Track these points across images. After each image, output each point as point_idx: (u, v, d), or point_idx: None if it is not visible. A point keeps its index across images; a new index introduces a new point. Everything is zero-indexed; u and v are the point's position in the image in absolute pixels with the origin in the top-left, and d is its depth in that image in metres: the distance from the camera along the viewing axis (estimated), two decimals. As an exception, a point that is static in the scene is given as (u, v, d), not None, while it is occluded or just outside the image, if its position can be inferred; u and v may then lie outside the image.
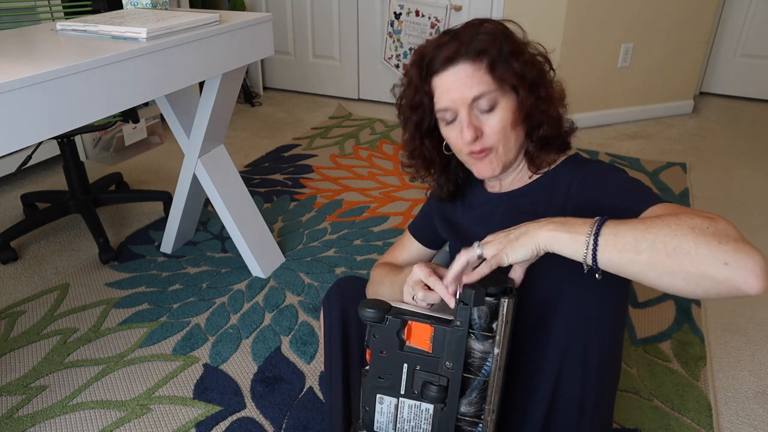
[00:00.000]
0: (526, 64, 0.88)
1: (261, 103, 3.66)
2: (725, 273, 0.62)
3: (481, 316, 0.78)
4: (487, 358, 0.80)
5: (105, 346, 1.59)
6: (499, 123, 0.88)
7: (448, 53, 0.86)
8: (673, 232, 0.65)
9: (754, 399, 1.41)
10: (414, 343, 0.83)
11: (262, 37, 1.66)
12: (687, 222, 0.66)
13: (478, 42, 0.86)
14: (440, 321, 0.81)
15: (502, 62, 0.86)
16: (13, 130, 1.05)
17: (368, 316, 0.82)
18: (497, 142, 0.90)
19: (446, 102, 0.89)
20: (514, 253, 0.75)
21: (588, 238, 0.70)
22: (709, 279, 0.63)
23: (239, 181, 1.89)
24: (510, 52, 0.87)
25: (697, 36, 3.16)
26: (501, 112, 0.88)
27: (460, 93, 0.87)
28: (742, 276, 0.62)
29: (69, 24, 1.42)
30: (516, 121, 0.90)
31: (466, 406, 0.83)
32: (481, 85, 0.86)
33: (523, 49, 0.89)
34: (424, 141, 0.99)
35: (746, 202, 2.36)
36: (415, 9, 3.21)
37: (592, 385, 0.94)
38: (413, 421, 0.85)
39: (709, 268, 0.63)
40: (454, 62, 0.87)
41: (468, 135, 0.88)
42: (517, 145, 0.92)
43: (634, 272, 0.69)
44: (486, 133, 0.89)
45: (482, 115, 0.88)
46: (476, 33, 0.87)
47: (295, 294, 1.80)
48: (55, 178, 2.62)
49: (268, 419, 1.35)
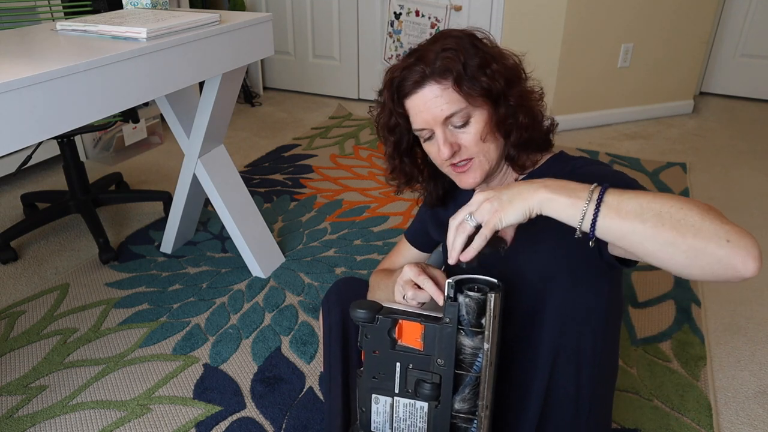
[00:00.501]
0: (493, 76, 0.89)
1: (261, 103, 3.66)
2: (726, 250, 0.62)
3: (469, 312, 0.79)
4: (477, 354, 0.81)
5: (105, 346, 1.59)
6: (474, 136, 0.90)
7: (415, 77, 0.89)
8: (679, 205, 0.65)
9: (754, 399, 1.41)
10: (405, 341, 0.83)
11: (262, 37, 1.66)
12: (691, 200, 0.66)
13: (442, 61, 0.87)
14: (430, 319, 0.82)
15: (468, 78, 0.87)
16: (13, 130, 1.05)
17: (359, 317, 0.83)
18: (476, 153, 0.91)
19: (420, 123, 0.91)
20: (507, 216, 0.72)
21: (587, 203, 0.69)
22: (709, 255, 0.63)
23: (239, 181, 1.89)
24: (476, 65, 0.88)
25: (697, 36, 3.16)
26: (474, 125, 0.90)
27: (432, 114, 0.89)
28: (741, 255, 0.62)
29: (69, 24, 1.42)
30: (490, 132, 0.91)
31: (460, 403, 0.83)
32: (450, 104, 0.88)
33: (489, 60, 0.89)
34: (404, 159, 1.02)
35: (746, 202, 2.36)
36: (415, 9, 3.21)
37: (587, 383, 0.94)
38: (409, 419, 0.86)
39: (711, 244, 0.63)
40: (422, 85, 0.89)
41: (445, 152, 0.90)
42: (497, 153, 0.93)
43: (633, 241, 0.67)
44: (463, 145, 0.91)
45: (457, 130, 0.90)
46: (440, 50, 0.88)
47: (295, 294, 1.80)
48: (55, 178, 2.62)
49: (268, 419, 1.35)
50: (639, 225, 0.66)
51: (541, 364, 0.92)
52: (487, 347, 0.79)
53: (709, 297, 1.78)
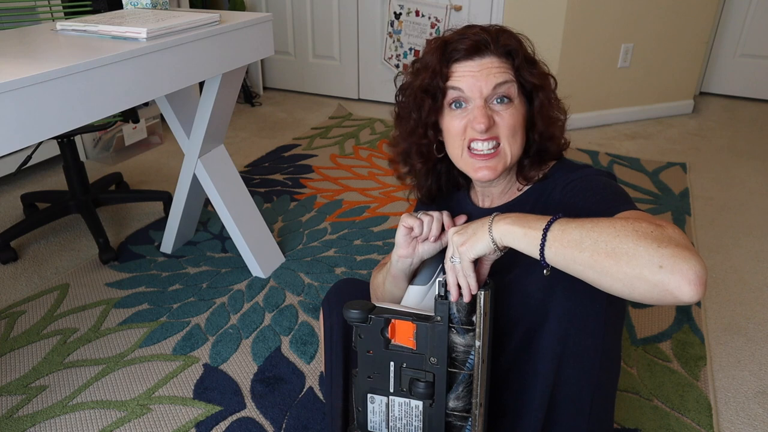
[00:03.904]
0: (535, 74, 0.91)
1: (261, 103, 3.66)
2: (659, 276, 0.62)
3: (460, 310, 0.80)
4: (470, 352, 0.81)
5: (105, 346, 1.59)
6: (511, 117, 0.89)
7: (477, 43, 0.88)
8: (616, 232, 0.66)
9: (754, 399, 1.42)
10: (399, 340, 0.84)
11: (262, 37, 1.66)
12: (633, 225, 0.66)
13: (507, 40, 0.89)
14: (422, 317, 0.82)
15: (525, 67, 0.90)
16: (13, 129, 1.05)
17: (352, 317, 0.83)
18: (506, 138, 0.90)
19: (465, 87, 0.89)
20: (475, 247, 0.77)
21: (539, 233, 0.71)
22: (643, 281, 0.63)
23: (239, 181, 1.89)
24: (524, 57, 0.91)
25: (697, 36, 3.16)
26: (514, 108, 0.90)
27: (485, 79, 0.87)
28: (675, 280, 0.61)
29: (69, 24, 1.42)
30: (523, 125, 0.92)
31: (455, 401, 0.83)
32: (506, 74, 0.88)
33: (536, 61, 0.94)
34: (428, 132, 0.96)
35: (746, 202, 2.36)
36: (415, 9, 3.21)
37: (589, 385, 0.94)
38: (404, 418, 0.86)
39: (644, 270, 0.63)
40: (482, 54, 0.88)
41: (482, 123, 0.87)
42: (518, 151, 0.93)
43: (576, 270, 0.69)
44: (498, 124, 0.89)
45: (497, 106, 0.89)
46: (502, 32, 0.90)
47: (295, 294, 1.80)
48: (55, 178, 2.62)
49: (268, 419, 1.35)
50: (578, 254, 0.68)
51: (544, 369, 0.92)
52: (479, 344, 0.80)
53: (709, 297, 1.78)
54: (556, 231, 0.70)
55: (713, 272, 1.91)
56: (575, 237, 0.68)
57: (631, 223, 0.66)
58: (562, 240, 0.69)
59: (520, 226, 0.73)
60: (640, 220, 0.67)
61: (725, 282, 1.86)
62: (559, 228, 0.70)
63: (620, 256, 0.64)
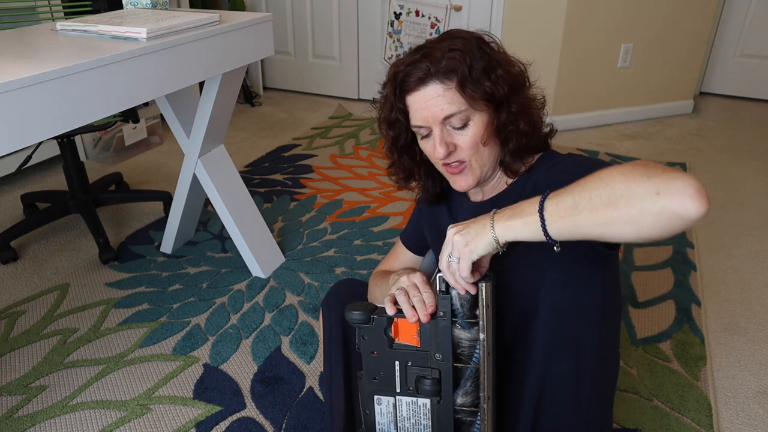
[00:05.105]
0: (497, 82, 0.89)
1: (261, 103, 3.66)
2: (660, 202, 0.62)
3: (463, 304, 0.80)
4: (475, 346, 0.81)
5: (105, 346, 1.59)
6: (470, 139, 0.90)
7: (420, 74, 0.88)
8: (604, 182, 0.67)
9: (754, 399, 1.41)
10: (402, 339, 0.84)
11: (262, 37, 1.66)
12: (617, 169, 0.68)
13: (447, 61, 0.87)
14: None
15: (472, 81, 0.88)
16: (13, 130, 1.05)
17: (355, 318, 0.83)
18: (470, 157, 0.92)
19: (419, 120, 0.91)
20: (477, 248, 0.77)
21: (536, 216, 0.72)
22: (647, 214, 0.63)
23: (239, 181, 1.89)
24: (481, 69, 0.88)
25: (697, 36, 3.16)
26: (473, 128, 0.90)
27: (432, 112, 0.89)
28: (677, 199, 0.61)
29: (69, 24, 1.42)
30: (488, 137, 0.91)
31: (463, 397, 0.83)
32: (451, 105, 0.88)
33: (495, 65, 0.90)
34: (402, 155, 1.02)
35: (746, 202, 2.36)
36: (415, 9, 3.21)
37: (587, 379, 0.94)
38: (413, 418, 0.86)
39: (644, 203, 0.63)
40: (425, 82, 0.89)
41: (440, 151, 0.90)
42: (492, 159, 0.94)
43: (583, 233, 0.70)
44: (459, 147, 0.91)
45: (455, 131, 0.91)
46: (447, 49, 0.88)
47: (295, 294, 1.80)
48: (55, 178, 2.62)
49: (268, 419, 1.35)
50: (578, 218, 0.69)
51: (537, 360, 0.92)
52: (483, 337, 0.79)
53: (709, 297, 1.78)
54: (551, 207, 0.71)
55: (713, 272, 1.91)
56: (569, 204, 0.69)
57: (616, 168, 0.68)
58: (558, 212, 0.70)
59: (518, 218, 0.75)
60: (624, 164, 0.68)
61: (725, 282, 1.86)
62: (552, 203, 0.72)
63: (617, 201, 0.65)
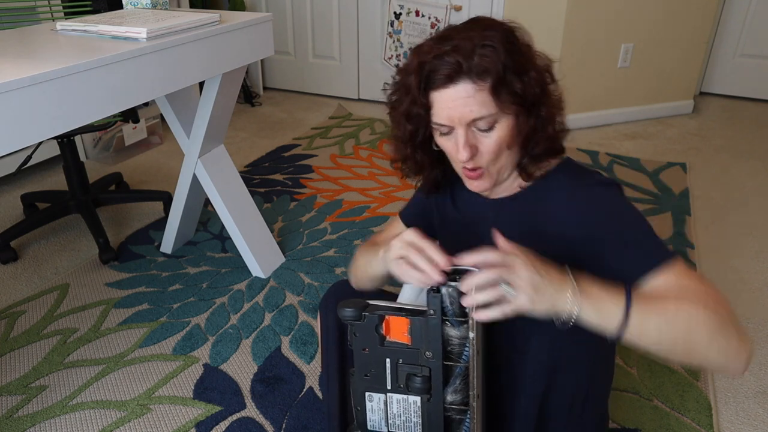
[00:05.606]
0: (530, 83, 0.84)
1: (261, 103, 3.66)
2: (722, 364, 0.76)
3: (453, 302, 0.80)
4: (465, 344, 0.81)
5: (105, 346, 1.59)
6: (495, 143, 0.86)
7: (449, 70, 0.81)
8: (690, 328, 0.74)
9: (754, 399, 1.42)
10: (393, 337, 0.84)
11: (262, 37, 1.66)
12: (702, 319, 0.74)
13: (480, 58, 0.80)
14: (415, 312, 0.82)
15: (505, 84, 0.82)
16: (13, 130, 1.05)
17: (346, 315, 0.83)
18: (491, 162, 0.88)
19: (443, 119, 0.86)
20: (541, 307, 0.74)
21: (616, 319, 0.75)
22: (710, 363, 0.76)
23: (239, 181, 1.89)
24: (514, 69, 0.82)
25: (697, 36, 3.16)
26: (498, 131, 0.85)
27: (459, 112, 0.83)
28: (734, 367, 0.76)
29: (69, 24, 1.42)
30: (512, 141, 0.87)
31: (452, 395, 0.84)
32: (482, 107, 0.82)
33: (527, 64, 0.84)
34: (417, 150, 0.96)
35: (746, 202, 2.36)
36: (415, 9, 3.21)
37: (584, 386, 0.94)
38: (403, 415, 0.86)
39: (711, 360, 0.76)
40: (455, 80, 0.82)
41: (464, 154, 0.85)
42: (511, 163, 0.91)
43: (649, 351, 0.77)
44: (481, 151, 0.87)
45: (480, 133, 0.86)
46: (480, 44, 0.81)
47: (295, 294, 1.80)
48: (55, 178, 2.62)
49: (268, 419, 1.35)
50: (655, 346, 0.76)
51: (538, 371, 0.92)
52: (473, 336, 0.80)
53: (709, 297, 1.78)
54: (635, 322, 0.75)
55: (713, 272, 1.91)
56: (653, 330, 0.75)
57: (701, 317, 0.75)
58: (640, 332, 0.75)
59: (595, 311, 0.75)
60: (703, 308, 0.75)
61: (725, 282, 1.86)
62: (637, 318, 0.75)
63: (693, 351, 0.75)
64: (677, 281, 0.79)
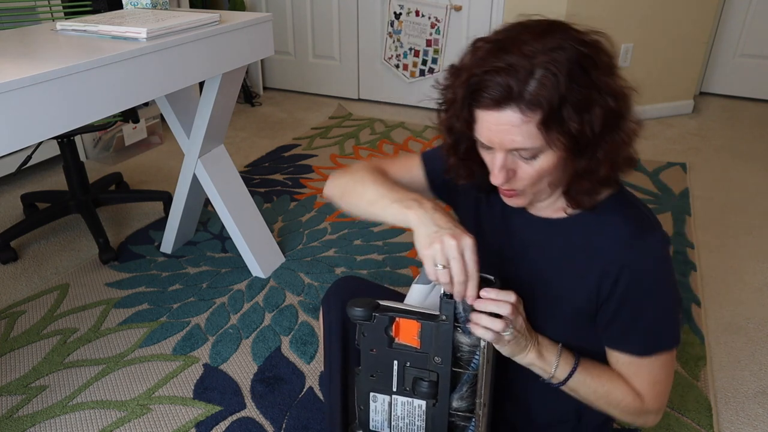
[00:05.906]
0: (590, 122, 0.73)
1: (261, 103, 3.66)
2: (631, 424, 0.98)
3: (466, 309, 0.79)
4: (475, 352, 0.81)
5: (105, 346, 1.59)
6: (534, 172, 0.78)
7: (497, 94, 0.72)
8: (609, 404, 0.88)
9: (754, 399, 1.41)
10: (403, 339, 0.83)
11: (262, 37, 1.66)
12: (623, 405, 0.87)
13: (537, 87, 0.70)
14: (427, 316, 0.82)
15: (558, 121, 0.72)
16: (13, 130, 1.05)
17: (356, 315, 0.83)
18: (527, 188, 0.82)
19: (484, 139, 0.78)
20: (505, 351, 0.83)
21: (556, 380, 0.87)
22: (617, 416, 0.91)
23: (239, 181, 1.89)
24: (576, 103, 0.72)
25: (697, 36, 3.16)
26: (541, 162, 0.77)
27: (500, 139, 0.75)
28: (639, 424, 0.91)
29: (69, 24, 1.42)
30: (555, 176, 0.80)
31: (458, 401, 0.83)
32: (525, 139, 0.74)
33: (594, 98, 0.73)
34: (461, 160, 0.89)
35: (746, 202, 2.36)
36: (415, 9, 3.21)
37: None
38: (407, 418, 0.86)
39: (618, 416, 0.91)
40: (502, 106, 0.73)
41: (499, 178, 0.79)
42: (551, 189, 0.84)
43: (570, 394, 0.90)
44: (519, 176, 0.80)
45: (521, 159, 0.78)
46: (541, 66, 0.71)
47: (295, 294, 1.80)
48: (55, 178, 2.62)
49: (268, 419, 1.35)
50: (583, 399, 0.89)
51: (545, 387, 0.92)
52: (484, 344, 0.79)
53: (709, 297, 1.78)
54: (573, 384, 0.87)
55: (713, 272, 1.90)
56: (584, 395, 0.88)
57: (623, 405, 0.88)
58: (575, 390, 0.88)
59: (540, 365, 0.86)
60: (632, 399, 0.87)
61: (725, 282, 1.86)
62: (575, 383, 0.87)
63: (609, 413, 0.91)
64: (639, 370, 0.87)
